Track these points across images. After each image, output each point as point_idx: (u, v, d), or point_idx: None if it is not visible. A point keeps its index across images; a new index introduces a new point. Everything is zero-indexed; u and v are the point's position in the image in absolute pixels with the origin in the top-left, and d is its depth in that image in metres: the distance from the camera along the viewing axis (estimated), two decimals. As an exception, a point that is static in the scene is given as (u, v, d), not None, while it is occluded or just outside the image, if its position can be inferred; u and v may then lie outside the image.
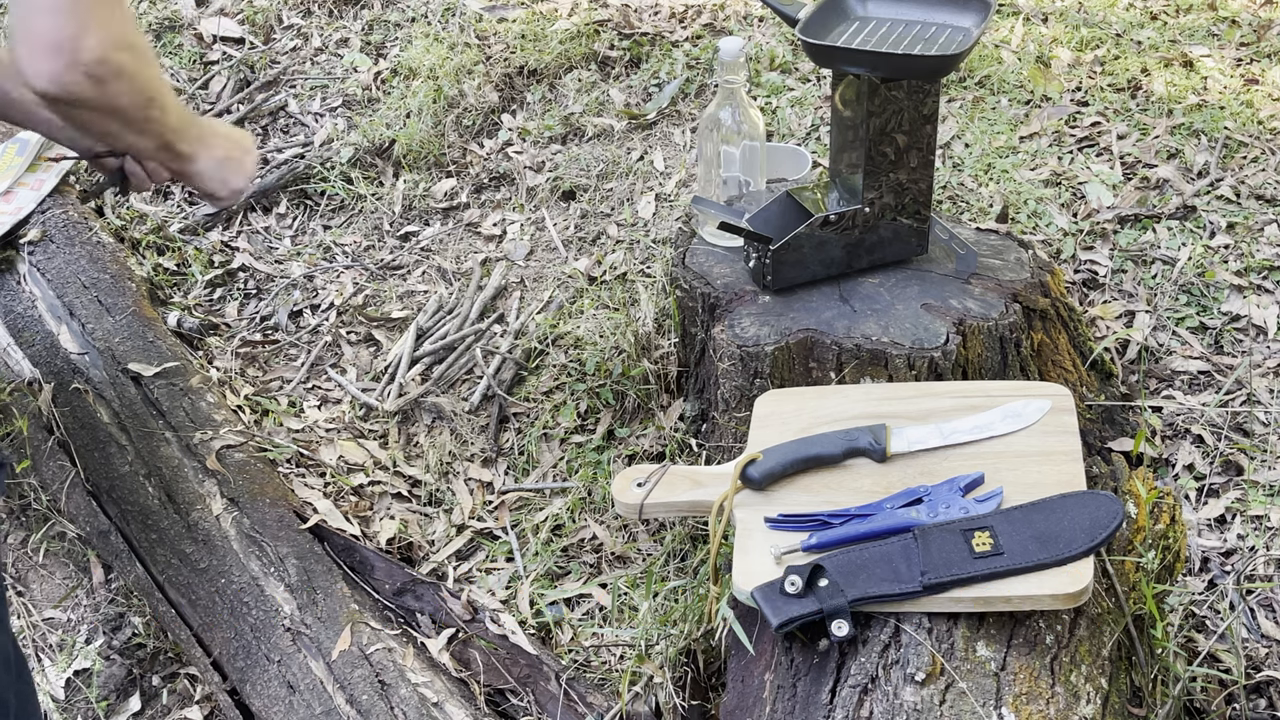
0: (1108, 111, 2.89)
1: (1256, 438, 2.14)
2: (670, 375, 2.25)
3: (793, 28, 1.91)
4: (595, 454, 2.25)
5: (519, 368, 2.43)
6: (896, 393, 1.77)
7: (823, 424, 1.69)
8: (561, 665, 1.91)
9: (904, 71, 1.86)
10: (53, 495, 2.19)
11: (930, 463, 1.61)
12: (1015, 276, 2.03)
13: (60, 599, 2.13)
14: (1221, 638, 1.80)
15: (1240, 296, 2.39)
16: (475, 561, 2.14)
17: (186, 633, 1.99)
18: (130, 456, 2.15)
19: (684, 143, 2.92)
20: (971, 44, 1.84)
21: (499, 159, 2.99)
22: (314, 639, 1.87)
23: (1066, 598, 1.39)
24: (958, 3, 1.94)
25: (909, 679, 1.35)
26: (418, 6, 3.48)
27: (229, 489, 2.09)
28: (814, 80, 3.07)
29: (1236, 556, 1.96)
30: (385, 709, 1.76)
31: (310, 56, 3.41)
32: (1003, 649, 1.38)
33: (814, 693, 1.40)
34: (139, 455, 2.14)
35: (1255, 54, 3.04)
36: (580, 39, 3.23)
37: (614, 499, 1.66)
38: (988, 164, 2.75)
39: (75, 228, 2.56)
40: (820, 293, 2.01)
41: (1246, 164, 2.69)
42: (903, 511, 1.51)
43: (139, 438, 2.17)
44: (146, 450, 2.15)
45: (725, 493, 1.59)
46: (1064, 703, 1.36)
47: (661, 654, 1.82)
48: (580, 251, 2.69)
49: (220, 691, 1.92)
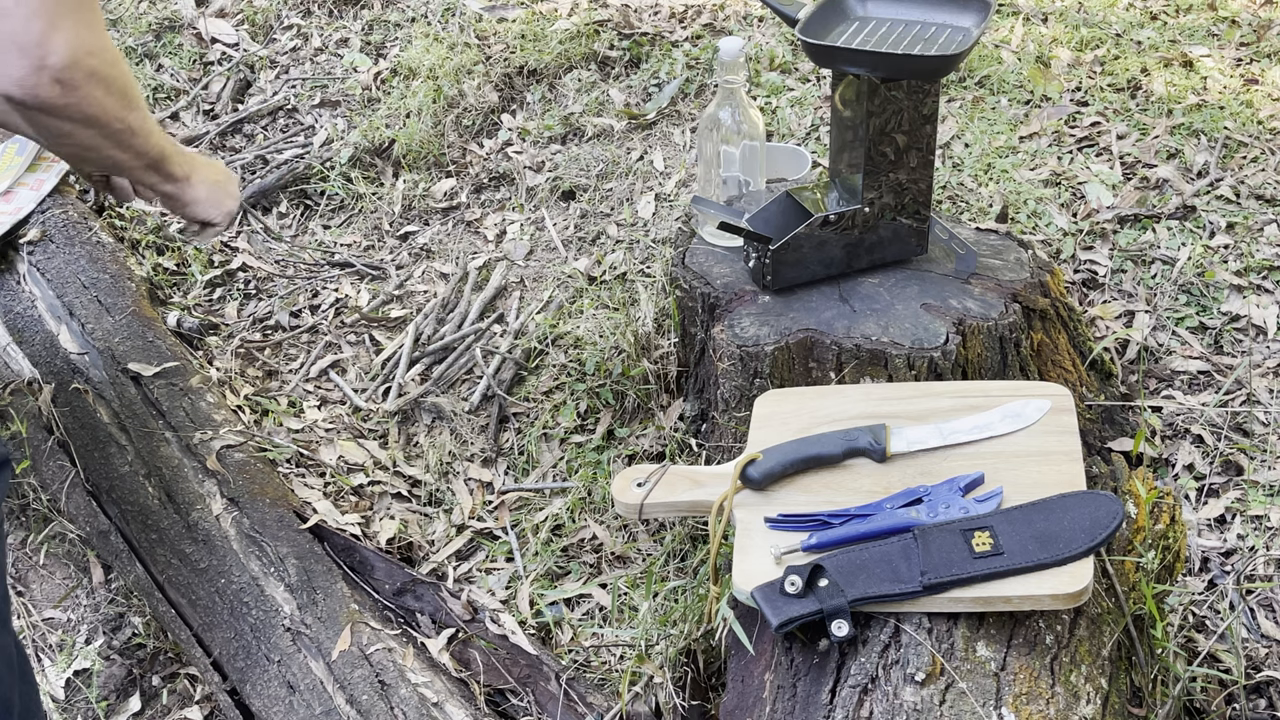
0: (1107, 111, 2.90)
1: (1256, 438, 2.14)
2: (670, 375, 2.25)
3: (792, 28, 1.91)
4: (595, 454, 2.25)
5: (519, 368, 2.43)
6: (896, 393, 1.77)
7: (822, 424, 1.69)
8: (561, 665, 1.91)
9: (904, 72, 1.86)
10: (53, 495, 2.19)
11: (930, 463, 1.61)
12: (1015, 276, 2.03)
13: (60, 599, 2.13)
14: (1221, 638, 1.80)
15: (1240, 296, 2.39)
16: (475, 561, 2.14)
17: (186, 633, 1.99)
18: (130, 456, 2.15)
19: (684, 143, 2.92)
20: (971, 44, 1.85)
21: (499, 159, 2.99)
22: (314, 639, 1.87)
23: (1067, 597, 1.39)
24: (958, 3, 1.94)
25: (909, 679, 1.35)
26: (417, 6, 3.48)
27: (229, 489, 2.09)
28: (813, 80, 3.07)
29: (1236, 556, 1.96)
30: (385, 709, 1.76)
31: (310, 56, 3.41)
32: (1003, 649, 1.39)
33: (814, 693, 1.40)
34: (139, 455, 2.14)
35: (1255, 54, 3.04)
36: (580, 39, 3.23)
37: (614, 499, 1.66)
38: (987, 164, 2.75)
39: (75, 228, 2.56)
40: (820, 293, 2.01)
41: (1246, 164, 2.69)
42: (902, 511, 1.51)
43: (139, 438, 2.17)
44: (146, 450, 2.15)
45: (725, 493, 1.59)
46: (1064, 703, 1.36)
47: (661, 654, 1.82)
48: (580, 251, 2.69)
49: (220, 691, 1.92)
